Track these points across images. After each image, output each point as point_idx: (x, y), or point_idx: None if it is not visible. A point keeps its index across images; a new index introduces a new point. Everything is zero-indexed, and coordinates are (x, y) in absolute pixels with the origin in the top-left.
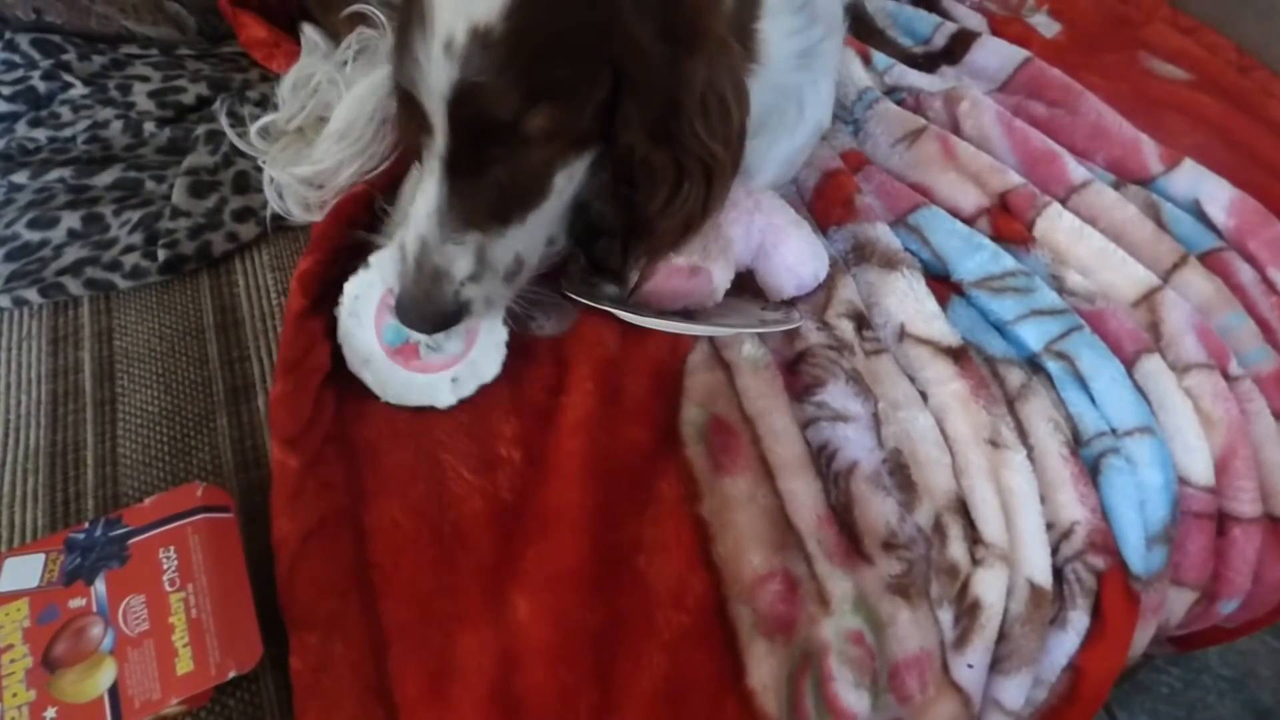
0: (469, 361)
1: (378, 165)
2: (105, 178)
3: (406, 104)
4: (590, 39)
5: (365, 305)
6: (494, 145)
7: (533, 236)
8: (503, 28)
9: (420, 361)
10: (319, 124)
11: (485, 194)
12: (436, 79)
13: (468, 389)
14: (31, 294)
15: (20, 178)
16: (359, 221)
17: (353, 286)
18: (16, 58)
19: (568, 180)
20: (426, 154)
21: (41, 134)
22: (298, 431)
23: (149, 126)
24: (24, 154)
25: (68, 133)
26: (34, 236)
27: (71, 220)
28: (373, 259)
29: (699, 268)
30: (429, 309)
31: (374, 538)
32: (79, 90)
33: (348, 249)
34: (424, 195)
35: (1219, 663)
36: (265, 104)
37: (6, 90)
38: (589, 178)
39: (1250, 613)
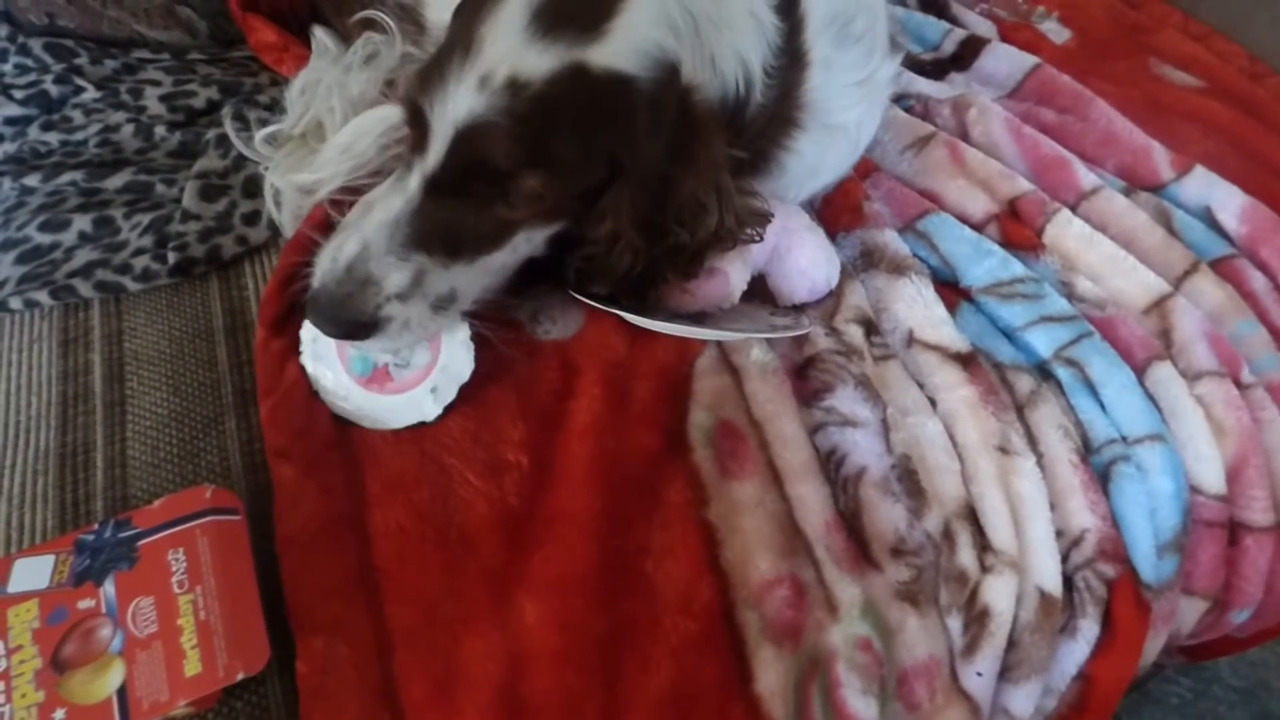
0: (441, 368)
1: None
2: (116, 181)
3: (414, 118)
4: (603, 133)
5: (325, 347)
6: (478, 187)
7: (475, 277)
8: (538, 89)
9: (395, 383)
10: (319, 130)
11: (448, 226)
12: (458, 106)
13: (449, 394)
14: (42, 296)
15: (32, 181)
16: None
17: (308, 329)
18: (29, 62)
19: (527, 241)
20: (409, 170)
21: (53, 137)
22: (287, 443)
23: (160, 130)
24: (36, 157)
25: (79, 136)
26: (45, 239)
27: (83, 223)
28: None
29: (716, 268)
30: (344, 313)
31: (379, 542)
32: (91, 94)
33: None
34: (386, 205)
35: (1230, 673)
36: (275, 108)
37: (19, 94)
38: (547, 245)
39: (1261, 623)
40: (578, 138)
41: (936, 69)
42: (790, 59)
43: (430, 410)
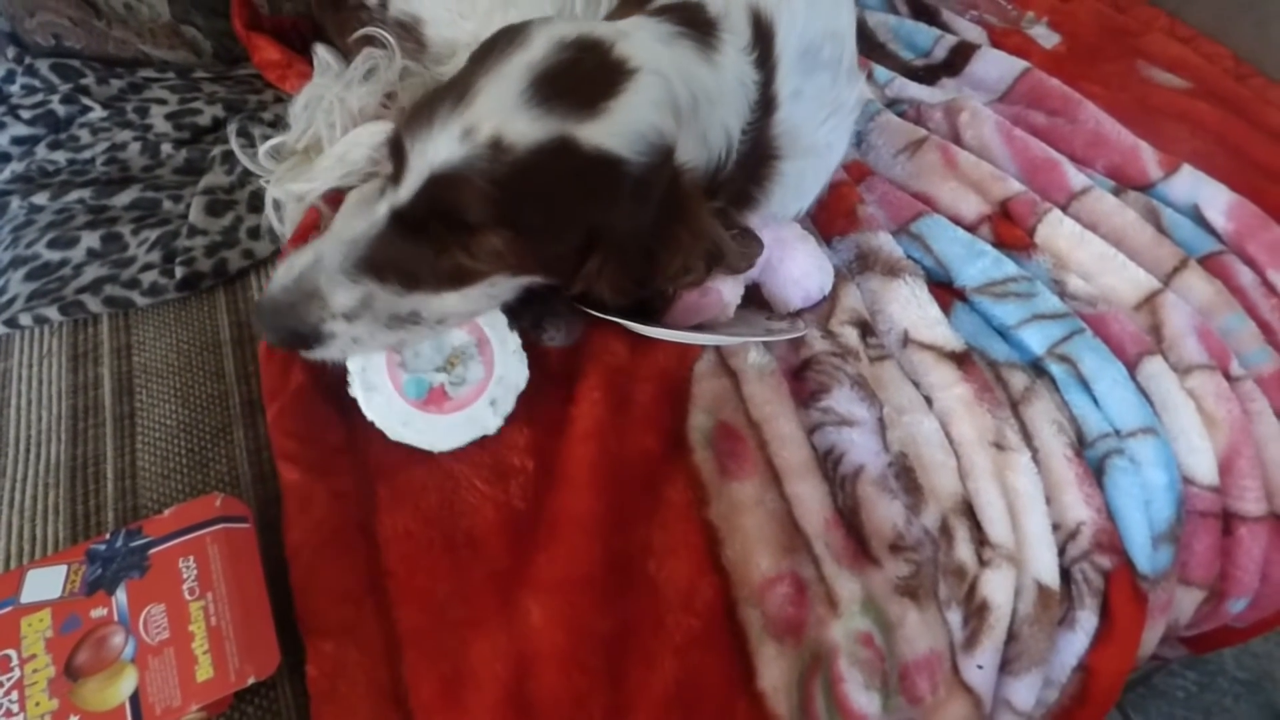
0: (498, 379)
1: None
2: (124, 198)
3: (395, 150)
4: (581, 208)
5: (375, 372)
6: (441, 231)
7: (442, 306)
8: (520, 155)
9: (453, 401)
10: (320, 144)
11: (406, 260)
12: (437, 150)
13: (508, 404)
14: (52, 312)
15: (41, 199)
16: None
17: (355, 361)
18: (36, 82)
19: (490, 287)
20: (381, 197)
21: (61, 156)
22: (296, 448)
23: (166, 148)
24: (44, 176)
25: (87, 155)
26: (54, 256)
27: (91, 240)
28: None
29: (709, 287)
30: (285, 321)
31: (387, 547)
32: (97, 113)
33: None
34: (349, 225)
35: (1234, 665)
36: (279, 124)
37: (27, 114)
38: (516, 298)
39: (1260, 612)
40: (552, 209)
41: (928, 74)
42: (763, 109)
43: (492, 423)
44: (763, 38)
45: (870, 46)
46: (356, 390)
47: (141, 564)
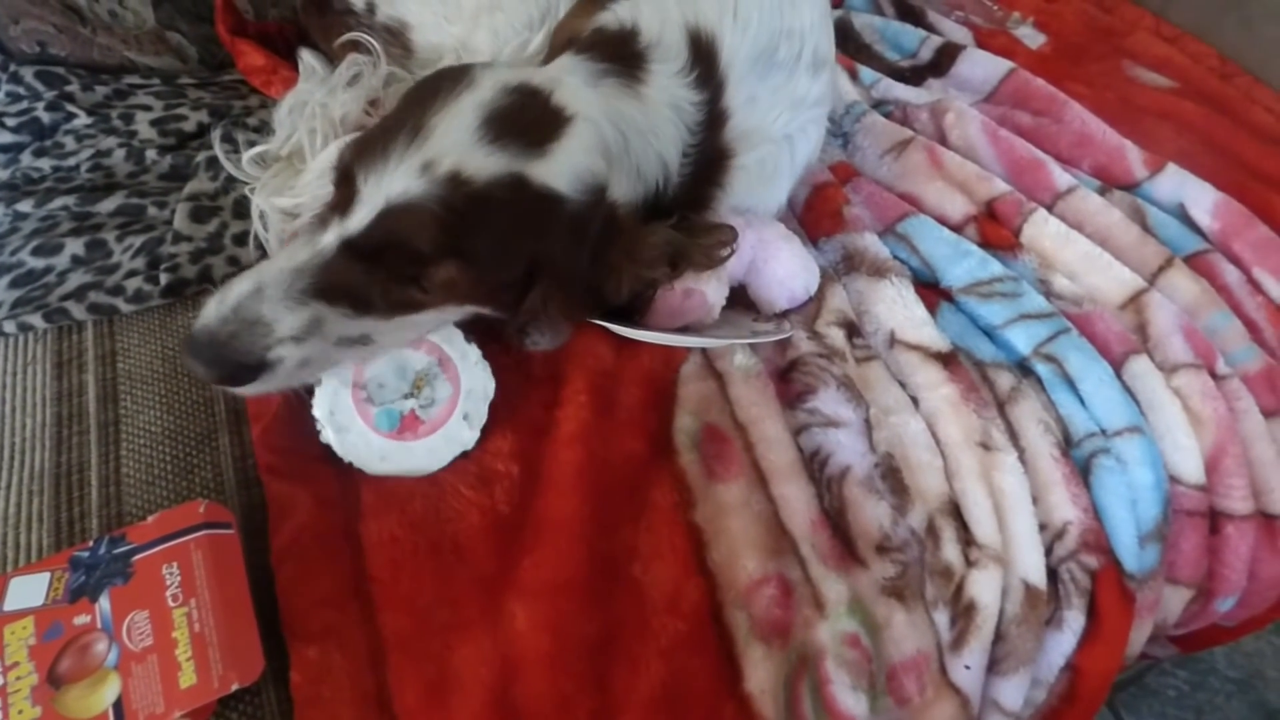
0: (466, 393)
1: None
2: (108, 205)
3: (343, 180)
4: (526, 240)
5: (344, 414)
6: (393, 261)
7: (392, 331)
8: (478, 188)
9: (427, 424)
10: (304, 152)
11: (355, 287)
12: (394, 182)
13: (481, 415)
14: (36, 319)
15: (25, 206)
16: None
17: (321, 407)
18: (21, 89)
19: (435, 319)
20: (323, 227)
21: (46, 163)
22: (280, 461)
23: (151, 154)
24: (29, 183)
25: (71, 161)
26: (39, 263)
27: (75, 247)
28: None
29: (692, 289)
30: (225, 353)
31: (372, 552)
32: (82, 120)
33: None
34: (290, 255)
35: (1226, 664)
36: (264, 130)
37: (11, 121)
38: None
39: (1249, 610)
40: (502, 239)
41: (914, 75)
42: (710, 125)
43: (469, 437)
44: (703, 57)
45: (856, 47)
46: (329, 435)
47: (125, 571)
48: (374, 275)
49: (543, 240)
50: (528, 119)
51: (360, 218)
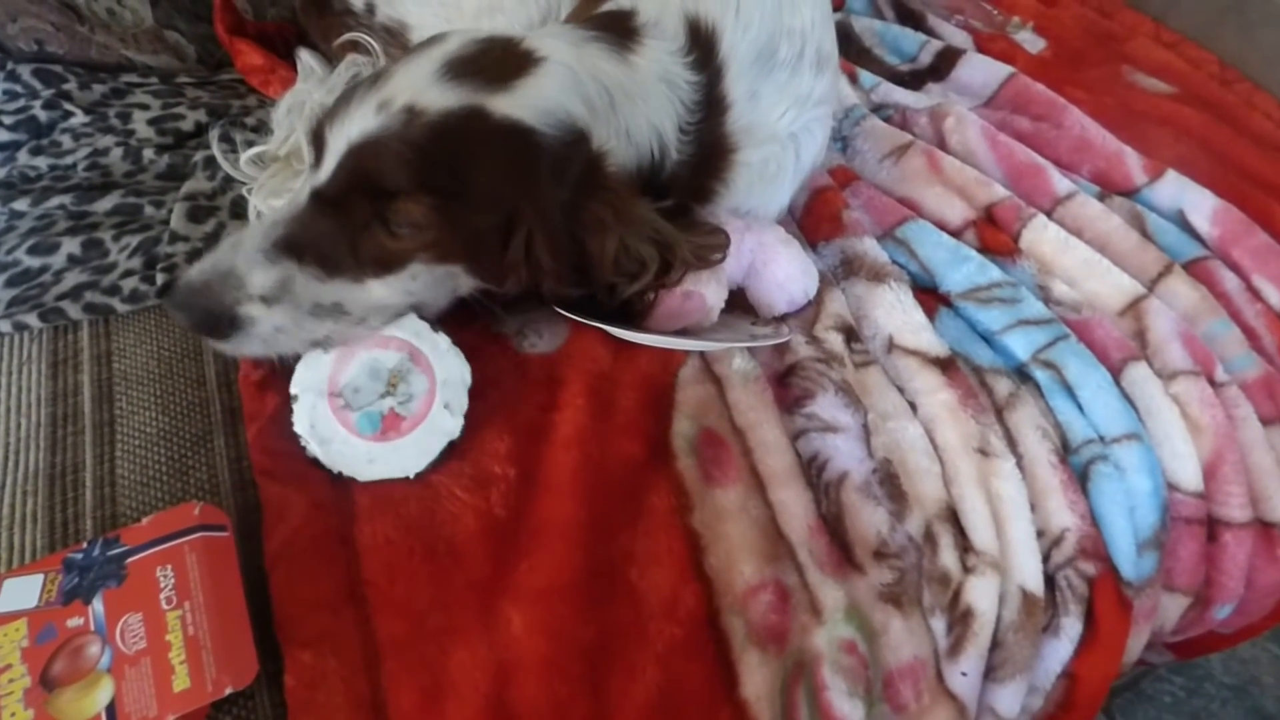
0: (443, 382)
1: None
2: (105, 204)
3: (315, 138)
4: (497, 177)
5: (325, 425)
6: (360, 204)
7: (368, 297)
8: (432, 118)
9: (409, 419)
10: (301, 152)
11: (326, 240)
12: (353, 125)
13: (461, 402)
14: (31, 319)
15: (21, 205)
16: None
17: (301, 423)
18: (18, 88)
19: (414, 277)
20: (303, 184)
21: (42, 162)
22: (274, 464)
23: (148, 153)
24: (25, 182)
25: (68, 160)
26: (34, 262)
27: (71, 246)
28: (295, 387)
29: (691, 291)
30: (198, 300)
31: (367, 556)
32: (80, 119)
33: None
34: (274, 212)
35: (1221, 670)
36: (262, 130)
37: (8, 120)
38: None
39: (1246, 618)
40: (468, 175)
41: (914, 79)
42: (709, 109)
43: (454, 425)
44: (702, 43)
45: (856, 51)
46: (314, 449)
47: (119, 573)
48: (343, 223)
49: (515, 178)
50: (492, 58)
51: (328, 166)
